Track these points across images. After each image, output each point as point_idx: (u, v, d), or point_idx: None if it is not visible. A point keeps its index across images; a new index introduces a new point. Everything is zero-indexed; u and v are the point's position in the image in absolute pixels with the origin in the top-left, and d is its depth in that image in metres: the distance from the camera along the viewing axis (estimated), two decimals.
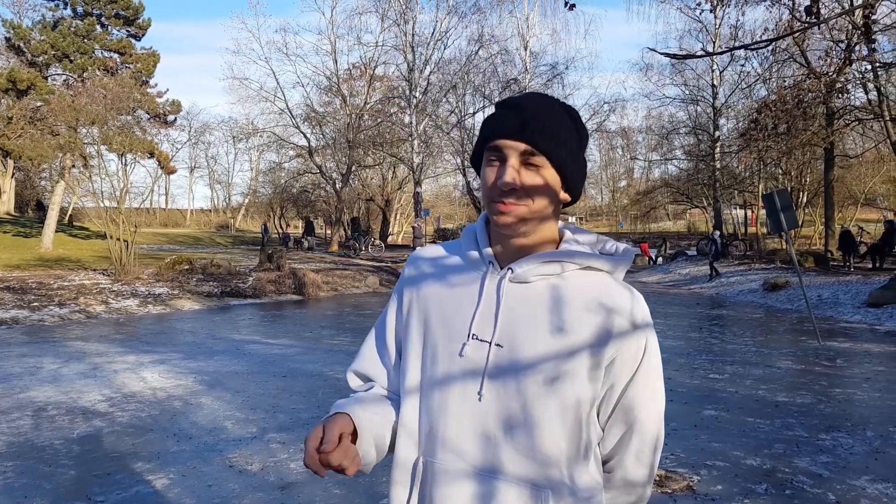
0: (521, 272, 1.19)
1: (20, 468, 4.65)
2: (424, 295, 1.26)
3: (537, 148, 1.13)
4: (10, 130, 24.61)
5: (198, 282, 17.18)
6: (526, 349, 1.15)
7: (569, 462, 1.15)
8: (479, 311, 1.19)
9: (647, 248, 34.53)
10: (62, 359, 8.77)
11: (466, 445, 1.15)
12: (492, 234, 1.24)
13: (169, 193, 69.55)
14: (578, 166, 1.20)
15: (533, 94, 1.20)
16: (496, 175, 1.15)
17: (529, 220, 1.16)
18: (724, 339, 10.40)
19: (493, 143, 1.16)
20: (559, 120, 1.17)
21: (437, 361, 1.20)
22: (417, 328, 1.25)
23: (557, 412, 1.14)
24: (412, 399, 1.23)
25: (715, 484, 4.24)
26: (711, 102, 30.95)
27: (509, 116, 1.16)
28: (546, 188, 1.15)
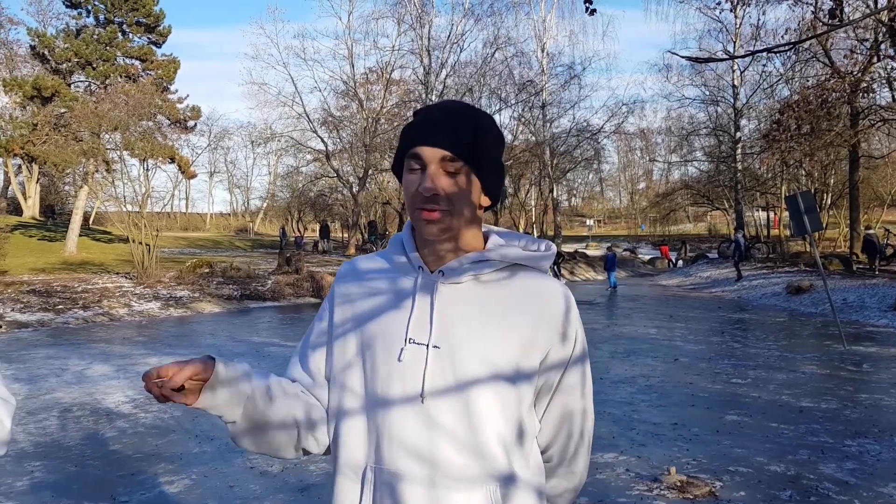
0: (452, 273, 1.22)
1: (47, 468, 4.71)
2: (356, 304, 1.28)
3: (456, 154, 1.16)
4: (36, 137, 24.98)
5: (218, 285, 17.32)
6: (463, 348, 1.18)
7: (512, 455, 1.18)
8: (414, 314, 1.21)
9: (667, 251, 34.29)
10: (87, 360, 8.88)
11: (413, 447, 1.17)
12: (418, 241, 1.27)
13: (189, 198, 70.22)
14: (496, 171, 1.24)
15: (450, 102, 1.24)
16: (418, 182, 1.17)
17: (454, 224, 1.19)
18: (747, 344, 10.30)
19: (413, 150, 1.18)
20: (476, 126, 1.20)
21: (376, 368, 1.21)
22: (352, 338, 1.26)
23: (498, 407, 1.17)
24: (353, 405, 1.23)
25: (738, 490, 4.20)
26: (732, 103, 30.65)
27: (428, 124, 1.19)
28: (466, 193, 1.18)
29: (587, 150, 34.54)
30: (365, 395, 1.22)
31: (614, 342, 10.33)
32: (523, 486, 1.19)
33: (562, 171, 34.24)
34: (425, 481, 1.15)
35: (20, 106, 29.93)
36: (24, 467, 4.71)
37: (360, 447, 1.21)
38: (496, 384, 1.17)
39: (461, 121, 1.19)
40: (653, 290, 22.20)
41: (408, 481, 1.16)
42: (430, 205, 1.17)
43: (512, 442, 1.18)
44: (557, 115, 33.04)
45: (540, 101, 31.57)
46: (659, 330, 11.87)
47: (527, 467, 1.21)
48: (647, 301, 18.12)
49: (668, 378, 7.63)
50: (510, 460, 1.18)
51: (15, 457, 4.91)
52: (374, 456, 1.20)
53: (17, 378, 7.71)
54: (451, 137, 1.17)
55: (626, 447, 5.04)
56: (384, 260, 1.31)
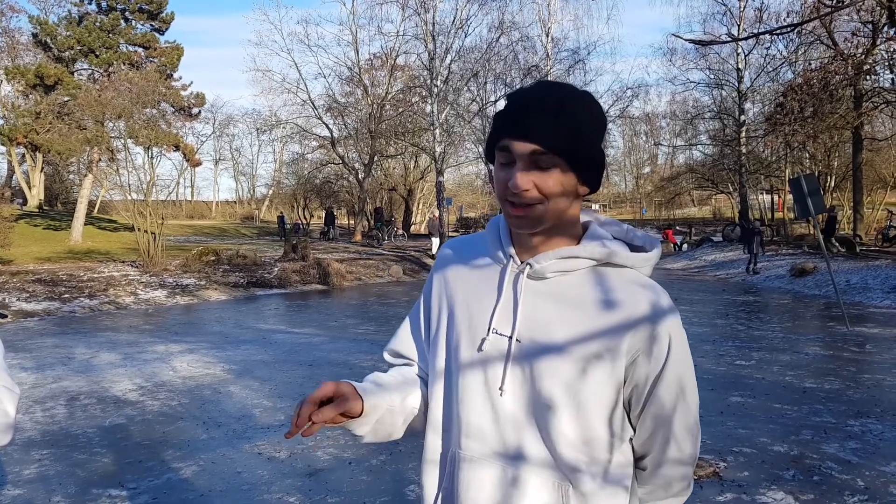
0: (539, 268, 1.18)
1: (55, 456, 4.76)
2: (451, 286, 1.29)
3: (547, 148, 1.09)
4: (39, 125, 25.00)
5: (224, 272, 17.37)
6: (545, 344, 1.16)
7: (591, 455, 1.16)
8: (500, 305, 1.20)
9: (671, 235, 34.22)
10: (93, 349, 8.94)
11: (489, 437, 1.18)
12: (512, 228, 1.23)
13: (194, 186, 70.30)
14: (594, 158, 1.15)
15: (543, 86, 1.15)
16: (507, 177, 1.13)
17: (545, 219, 1.15)
18: (751, 326, 10.31)
19: (502, 142, 1.13)
20: (570, 113, 1.11)
21: (460, 354, 1.22)
22: (443, 318, 1.27)
23: (577, 406, 1.15)
24: (437, 390, 1.26)
25: (742, 470, 4.22)
26: (736, 86, 30.44)
27: (517, 114, 1.12)
28: (559, 188, 1.12)
29: None
30: (447, 380, 1.24)
31: None
32: (596, 489, 1.17)
33: None
34: (499, 470, 1.17)
35: (23, 94, 29.94)
36: (31, 455, 4.77)
37: (439, 435, 1.25)
38: (575, 382, 1.14)
39: (555, 109, 1.11)
40: (657, 273, 22.11)
41: (481, 467, 1.18)
42: (518, 200, 1.12)
43: (591, 441, 1.16)
44: None
45: None
46: None
47: (607, 470, 1.18)
48: None
49: None
50: (588, 460, 1.16)
51: (23, 445, 4.96)
52: (451, 440, 1.22)
53: (24, 367, 7.77)
54: (544, 129, 1.09)
55: None
56: (479, 244, 1.31)
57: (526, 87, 1.16)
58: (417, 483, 3.93)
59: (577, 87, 1.19)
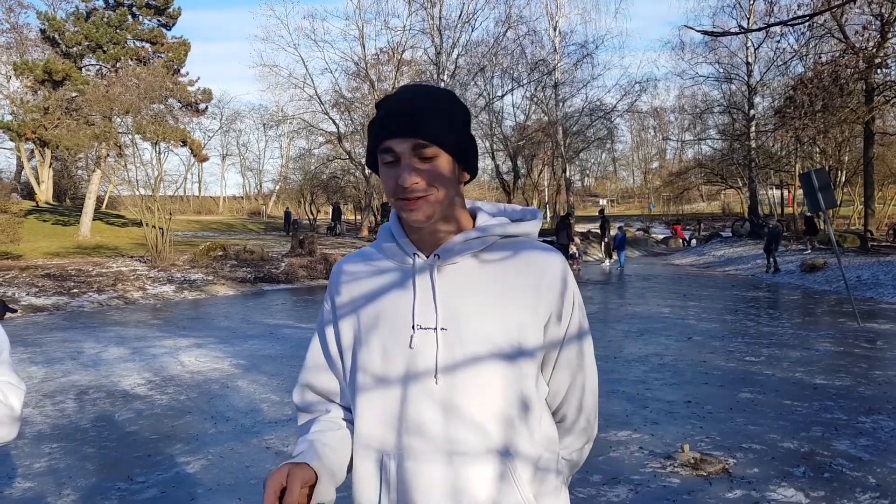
0: (446, 255, 1.23)
1: (64, 449, 4.78)
2: (358, 298, 1.29)
3: (427, 139, 1.16)
4: (47, 121, 25.09)
5: (231, 268, 17.41)
6: (471, 328, 1.20)
7: (526, 424, 1.21)
8: (417, 300, 1.23)
9: (680, 230, 34.11)
10: (102, 343, 8.97)
11: (431, 429, 1.19)
12: (406, 228, 1.28)
13: (202, 181, 70.37)
14: (468, 144, 1.24)
15: (410, 87, 1.23)
16: (395, 175, 1.18)
17: (438, 209, 1.20)
18: (761, 322, 10.25)
19: (384, 144, 1.18)
20: (439, 105, 1.20)
21: (388, 357, 1.22)
22: (359, 331, 1.27)
23: (511, 378, 1.20)
24: (370, 398, 1.23)
25: (751, 467, 4.19)
26: (746, 80, 30.25)
27: (393, 115, 1.18)
28: (445, 176, 1.19)
29: (600, 130, 34.28)
30: (379, 386, 1.23)
31: (627, 321, 10.31)
32: (540, 453, 1.23)
33: (574, 150, 34.04)
34: (443, 461, 1.18)
35: (31, 90, 30.06)
36: (41, 449, 4.78)
37: (376, 436, 1.23)
38: (506, 355, 1.20)
39: (424, 105, 1.19)
40: (666, 269, 22.12)
41: (426, 463, 1.19)
42: (411, 194, 1.17)
43: (525, 410, 1.21)
44: (570, 95, 32.78)
45: (552, 80, 31.33)
46: (672, 309, 11.84)
47: (542, 433, 1.25)
48: (661, 280, 18.05)
49: (681, 356, 7.61)
50: (524, 429, 1.21)
51: (33, 439, 4.98)
52: (392, 443, 1.22)
53: (34, 361, 7.80)
54: (418, 124, 1.16)
55: (640, 425, 5.05)
56: (376, 253, 1.33)
57: (393, 94, 1.25)
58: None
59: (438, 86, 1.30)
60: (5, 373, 1.47)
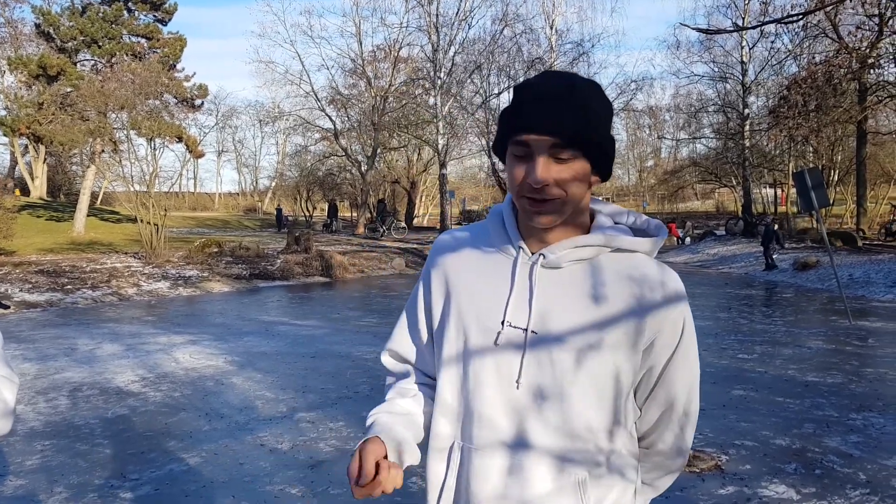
0: (553, 258, 1.16)
1: (57, 447, 4.78)
2: (453, 279, 1.25)
3: (565, 140, 1.08)
4: (42, 116, 24.98)
5: (227, 264, 17.39)
6: (561, 335, 1.15)
7: (602, 440, 1.17)
8: (513, 297, 1.17)
9: (675, 228, 34.17)
10: (96, 340, 8.95)
11: (503, 428, 1.16)
12: (519, 218, 1.21)
13: (197, 177, 70.20)
14: (607, 147, 1.15)
15: (552, 76, 1.13)
16: (525, 172, 1.11)
17: (564, 212, 1.14)
18: (754, 319, 10.30)
19: (518, 137, 1.11)
20: (584, 104, 1.10)
21: (471, 348, 1.19)
22: (448, 312, 1.24)
23: (593, 398, 1.15)
24: (449, 381, 1.23)
25: (744, 463, 4.22)
26: (741, 79, 30.34)
27: (533, 108, 1.10)
28: (577, 179, 1.12)
29: None
30: (459, 375, 1.21)
31: None
32: (612, 475, 1.19)
33: None
34: (512, 464, 1.16)
35: (26, 85, 29.90)
36: (34, 446, 4.78)
37: (449, 425, 1.22)
38: (593, 374, 1.14)
39: (569, 101, 1.09)
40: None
41: (495, 459, 1.17)
42: (539, 195, 1.11)
43: (604, 431, 1.17)
44: None
45: None
46: None
47: (617, 454, 1.19)
48: None
49: None
50: (599, 445, 1.17)
51: (25, 436, 4.97)
52: (461, 434, 1.21)
53: (27, 358, 7.79)
54: (560, 122, 1.08)
55: None
56: (482, 235, 1.27)
57: (534, 79, 1.14)
58: (420, 475, 3.96)
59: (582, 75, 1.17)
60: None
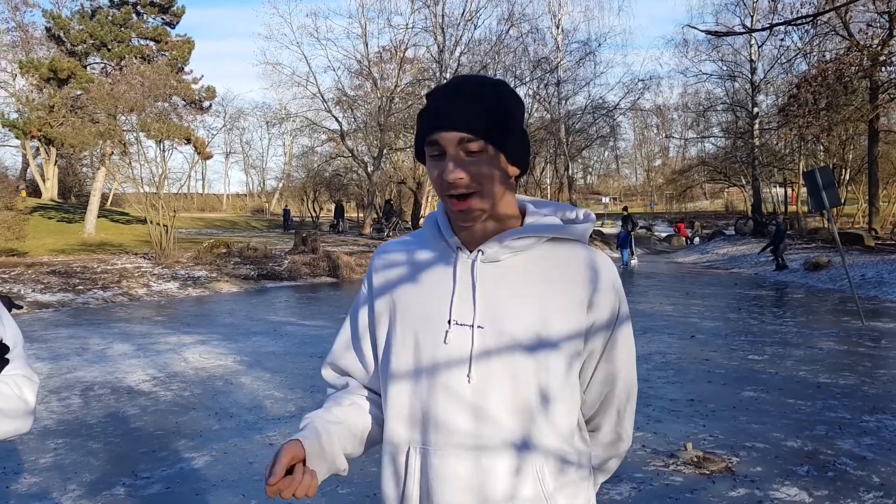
0: (491, 252, 1.20)
1: (70, 445, 4.80)
2: (397, 289, 1.27)
3: (473, 133, 1.13)
4: (52, 118, 25.13)
5: (235, 265, 17.44)
6: (508, 326, 1.17)
7: (558, 429, 1.19)
8: (456, 295, 1.20)
9: (683, 228, 34.06)
10: (107, 340, 9.00)
11: (459, 426, 1.17)
12: (453, 220, 1.24)
13: (205, 179, 70.49)
14: (518, 137, 1.19)
15: (460, 79, 1.20)
16: (440, 169, 1.16)
17: (485, 205, 1.17)
18: (764, 320, 10.25)
19: (430, 137, 1.16)
20: (489, 97, 1.15)
21: (420, 350, 1.21)
22: (394, 322, 1.26)
23: (544, 382, 1.17)
24: (401, 387, 1.23)
25: (755, 465, 4.20)
26: (750, 78, 30.21)
27: (440, 108, 1.15)
28: (492, 171, 1.15)
29: (603, 128, 34.32)
30: (410, 377, 1.22)
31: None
32: (569, 460, 1.21)
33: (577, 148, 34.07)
34: (467, 456, 1.17)
35: (37, 88, 30.10)
36: (47, 444, 4.80)
37: (404, 429, 1.22)
38: (542, 359, 1.17)
39: (474, 96, 1.15)
40: (669, 267, 22.11)
41: (450, 458, 1.18)
42: (456, 191, 1.15)
43: (557, 417, 1.19)
44: (573, 93, 32.80)
45: (555, 78, 31.33)
46: (675, 307, 11.84)
47: (573, 441, 1.23)
48: (664, 278, 18.05)
49: (684, 355, 7.62)
50: (556, 434, 1.19)
51: (38, 434, 5.00)
52: (419, 437, 1.21)
53: (40, 357, 7.83)
54: (466, 117, 1.13)
55: (643, 423, 5.05)
56: (419, 241, 1.30)
57: (443, 84, 1.22)
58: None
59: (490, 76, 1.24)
60: (20, 367, 1.50)
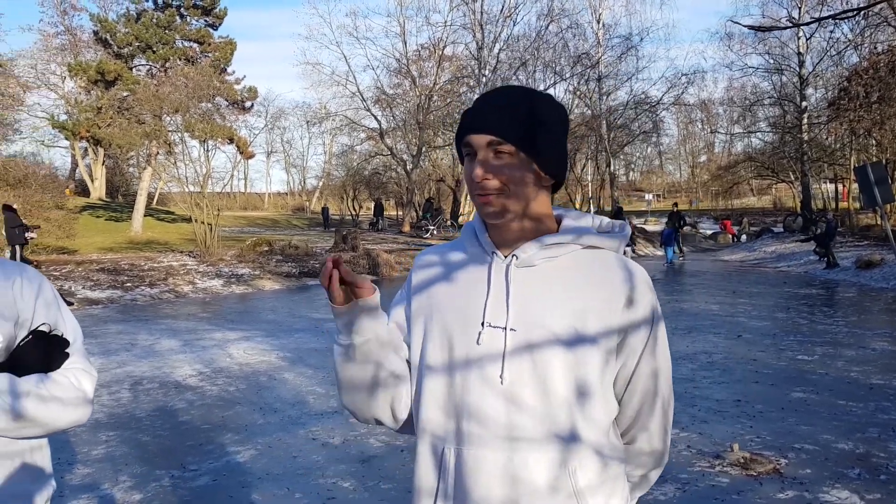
0: (525, 257, 1.23)
1: (120, 438, 4.92)
2: (433, 287, 1.31)
3: (502, 137, 1.18)
4: (100, 120, 25.80)
5: (277, 262, 17.68)
6: (540, 330, 1.20)
7: (589, 434, 1.20)
8: (490, 298, 1.23)
9: (729, 226, 33.41)
10: (155, 335, 9.20)
11: (492, 425, 1.19)
12: (489, 226, 1.29)
13: (248, 178, 71.54)
14: (552, 147, 1.23)
15: (502, 87, 1.27)
16: (471, 169, 1.21)
17: (512, 206, 1.21)
18: (814, 319, 9.99)
19: (464, 139, 1.23)
20: (524, 106, 1.21)
21: (454, 350, 1.24)
22: (429, 318, 1.29)
23: (576, 387, 1.19)
24: (435, 387, 1.25)
25: (804, 467, 4.10)
26: (798, 71, 29.45)
27: (476, 112, 1.23)
28: (517, 173, 1.20)
29: (645, 123, 33.85)
30: (445, 378, 1.25)
31: (675, 318, 10.15)
32: (601, 466, 1.22)
33: (619, 144, 33.68)
34: (502, 449, 1.19)
35: (85, 90, 30.93)
36: (98, 437, 4.93)
37: (437, 423, 1.25)
38: (573, 366, 1.19)
39: (509, 103, 1.22)
40: (715, 265, 21.70)
41: (485, 450, 1.19)
42: (483, 189, 1.20)
43: (589, 420, 1.20)
44: (614, 88, 32.41)
45: (596, 73, 30.99)
46: (721, 306, 11.62)
47: (605, 447, 1.23)
48: (709, 276, 17.73)
49: (730, 354, 7.47)
50: (588, 438, 1.20)
51: (91, 427, 5.14)
52: (452, 430, 1.23)
53: (91, 352, 8.05)
54: (498, 121, 1.19)
55: (688, 423, 4.97)
56: (458, 248, 1.35)
57: (486, 92, 1.29)
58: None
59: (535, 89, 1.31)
60: (79, 360, 1.55)
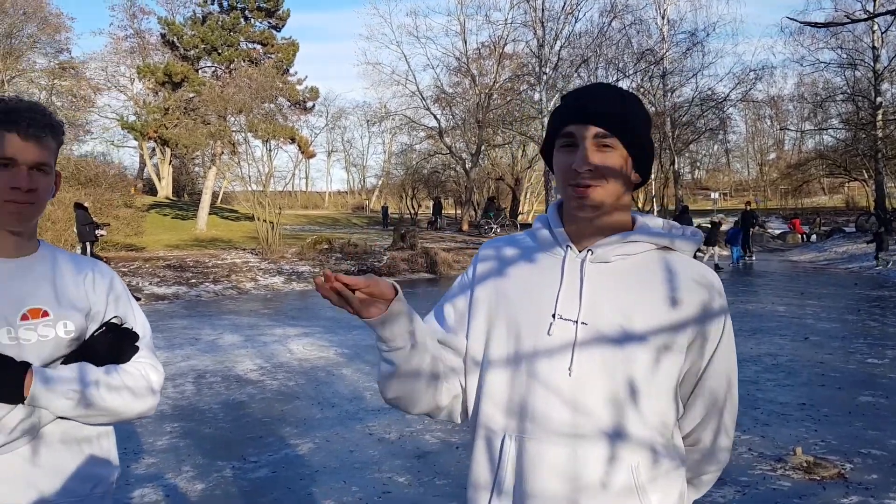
0: (600, 252, 1.23)
1: (184, 429, 5.09)
2: (500, 276, 1.30)
3: (608, 130, 1.19)
4: (168, 120, 26.69)
5: (336, 260, 17.95)
6: (610, 326, 1.19)
7: (652, 434, 1.20)
8: (563, 290, 1.23)
9: (798, 225, 32.31)
10: (218, 331, 9.48)
11: (557, 415, 1.18)
12: (565, 219, 1.28)
13: (308, 177, 72.78)
14: (646, 147, 1.25)
15: (596, 85, 1.29)
16: (569, 160, 1.20)
17: (607, 200, 1.20)
18: (886, 322, 9.58)
19: (565, 129, 1.21)
20: (628, 105, 1.23)
21: (521, 340, 1.24)
22: (495, 308, 1.28)
23: (646, 385, 1.18)
24: (499, 376, 1.25)
25: (869, 473, 3.95)
26: (872, 66, 28.25)
27: (578, 105, 1.22)
28: (619, 169, 1.20)
29: (711, 120, 32.96)
30: (510, 365, 1.25)
31: (739, 319, 9.88)
32: (663, 464, 1.21)
33: (684, 142, 32.86)
34: (567, 452, 1.18)
35: (153, 92, 32.05)
36: (163, 428, 5.11)
37: (501, 415, 1.24)
38: (642, 364, 1.19)
39: (610, 99, 1.22)
40: (783, 265, 21.02)
41: (550, 450, 1.19)
42: (583, 180, 1.18)
43: (654, 421, 1.20)
44: (679, 84, 31.64)
45: (660, 70, 30.35)
46: (788, 307, 11.25)
47: (668, 448, 1.23)
48: (776, 277, 17.19)
49: (796, 357, 7.24)
50: (650, 439, 1.20)
51: (156, 418, 5.33)
52: (515, 424, 1.22)
53: (157, 346, 8.24)
54: (602, 114, 1.20)
55: (750, 426, 4.84)
56: (526, 240, 1.34)
57: (581, 87, 1.30)
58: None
59: None
60: (147, 356, 1.63)
